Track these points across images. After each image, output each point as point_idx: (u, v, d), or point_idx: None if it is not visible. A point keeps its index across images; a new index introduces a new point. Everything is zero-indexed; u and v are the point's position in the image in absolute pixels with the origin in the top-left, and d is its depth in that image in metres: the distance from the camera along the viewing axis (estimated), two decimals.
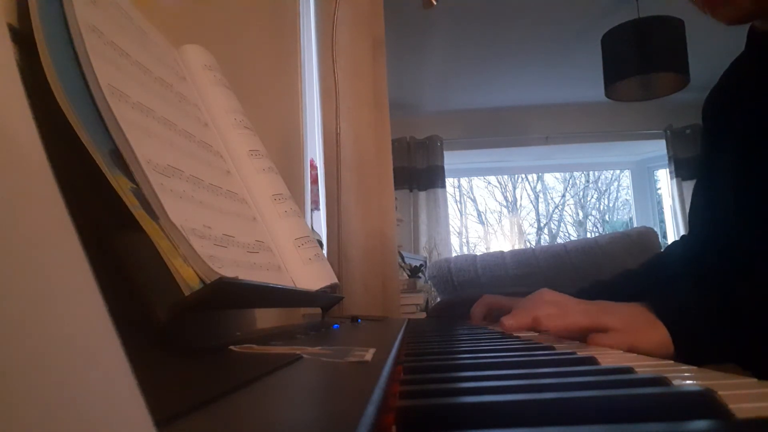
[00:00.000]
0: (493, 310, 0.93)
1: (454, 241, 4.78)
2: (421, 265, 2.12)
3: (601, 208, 5.45)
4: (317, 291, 0.55)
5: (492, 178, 5.25)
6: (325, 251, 1.25)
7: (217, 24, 0.79)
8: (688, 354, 0.52)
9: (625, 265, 0.96)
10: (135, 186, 0.33)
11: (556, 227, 5.44)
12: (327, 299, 0.64)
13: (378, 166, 1.36)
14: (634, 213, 4.50)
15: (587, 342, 0.53)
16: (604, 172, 5.21)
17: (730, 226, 0.74)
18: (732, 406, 0.19)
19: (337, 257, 1.24)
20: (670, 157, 3.97)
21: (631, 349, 0.51)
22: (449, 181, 4.19)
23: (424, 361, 0.37)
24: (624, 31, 2.58)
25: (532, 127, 4.04)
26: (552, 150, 4.17)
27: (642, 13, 2.63)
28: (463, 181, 5.15)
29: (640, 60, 2.54)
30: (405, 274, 1.91)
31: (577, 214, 5.44)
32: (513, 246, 5.04)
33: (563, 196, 5.43)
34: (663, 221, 4.34)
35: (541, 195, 5.42)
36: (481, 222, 5.29)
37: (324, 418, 0.15)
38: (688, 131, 3.88)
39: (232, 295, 0.38)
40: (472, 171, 4.80)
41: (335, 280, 0.60)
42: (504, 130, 4.05)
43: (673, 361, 0.35)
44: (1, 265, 0.08)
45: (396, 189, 1.59)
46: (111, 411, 0.09)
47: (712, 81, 0.87)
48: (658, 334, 0.53)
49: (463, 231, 5.15)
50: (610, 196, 5.40)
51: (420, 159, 4.03)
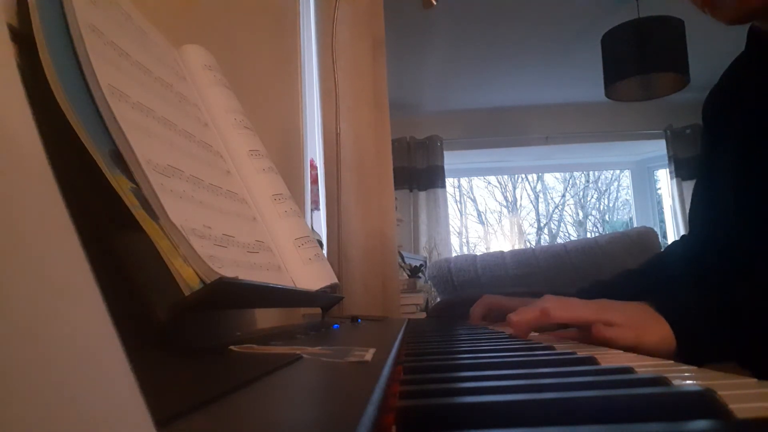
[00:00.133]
0: (492, 310, 0.93)
1: (454, 241, 4.78)
2: (421, 265, 2.12)
3: (601, 208, 5.45)
4: (317, 291, 0.55)
5: (492, 178, 5.25)
6: (325, 251, 1.25)
7: (217, 24, 0.79)
8: (689, 350, 0.53)
9: (625, 265, 0.96)
10: (135, 186, 0.33)
11: (556, 227, 5.44)
12: (327, 299, 0.64)
13: (378, 166, 1.36)
14: (634, 213, 4.50)
15: (591, 331, 0.53)
16: (604, 172, 5.21)
17: (730, 225, 0.74)
18: (732, 406, 0.19)
19: (337, 257, 1.24)
20: (670, 157, 3.97)
21: (635, 344, 0.52)
22: (449, 181, 4.19)
23: (424, 361, 0.37)
24: (624, 31, 2.58)
25: (532, 127, 4.04)
26: (552, 150, 4.18)
27: (642, 13, 2.63)
28: (463, 181, 5.15)
29: (640, 60, 2.54)
30: (405, 274, 1.91)
31: (577, 214, 5.44)
32: (513, 246, 5.04)
33: (563, 196, 5.43)
34: (663, 221, 4.34)
35: (541, 195, 5.42)
36: (481, 222, 5.29)
37: (324, 418, 0.15)
38: (688, 131, 3.89)
39: (232, 295, 0.38)
40: (472, 171, 4.80)
41: (335, 280, 0.60)
42: (504, 130, 4.05)
43: (673, 361, 0.35)
44: (1, 265, 0.08)
45: (396, 189, 1.59)
46: (111, 411, 0.09)
47: (712, 81, 0.87)
48: (661, 330, 0.54)
49: (463, 231, 5.15)
50: (610, 196, 5.40)
51: (420, 159, 4.03)
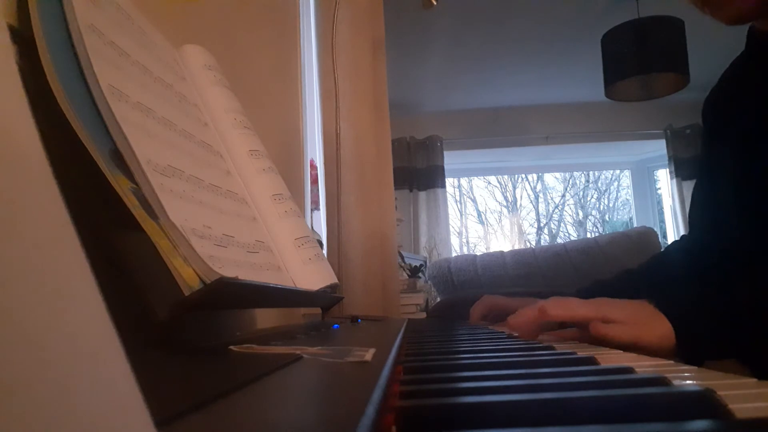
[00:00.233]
0: (492, 310, 0.93)
1: (454, 241, 4.78)
2: (421, 265, 2.12)
3: (601, 208, 5.45)
4: (317, 291, 0.55)
5: (492, 178, 5.25)
6: (325, 251, 1.25)
7: (217, 24, 0.79)
8: (689, 347, 0.53)
9: (625, 265, 0.96)
10: (135, 186, 0.33)
11: (556, 227, 5.44)
12: (327, 299, 0.64)
13: (378, 166, 1.36)
14: (634, 213, 4.50)
15: (589, 329, 0.53)
16: (604, 172, 5.22)
17: (730, 225, 0.74)
18: (732, 406, 0.19)
19: (337, 257, 1.24)
20: (670, 157, 3.97)
21: (634, 341, 0.51)
22: (449, 181, 4.19)
23: (424, 361, 0.37)
24: (624, 31, 2.58)
25: (532, 127, 4.04)
26: (552, 150, 4.18)
27: (642, 13, 2.63)
28: (463, 181, 5.15)
29: (640, 60, 2.54)
30: (405, 274, 1.91)
31: (577, 214, 5.44)
32: (513, 246, 5.04)
33: (563, 196, 5.43)
34: (663, 221, 4.34)
35: (541, 195, 5.42)
36: (481, 222, 5.29)
37: (324, 419, 0.15)
38: (688, 131, 3.89)
39: (232, 295, 0.38)
40: (472, 171, 4.80)
41: (335, 280, 0.60)
42: (504, 130, 4.05)
43: (673, 361, 0.35)
44: (1, 265, 0.08)
45: (396, 189, 1.59)
46: (111, 411, 0.09)
47: (712, 81, 0.87)
48: (660, 326, 0.53)
49: (463, 231, 5.15)
50: (610, 196, 5.40)
51: (420, 159, 4.03)
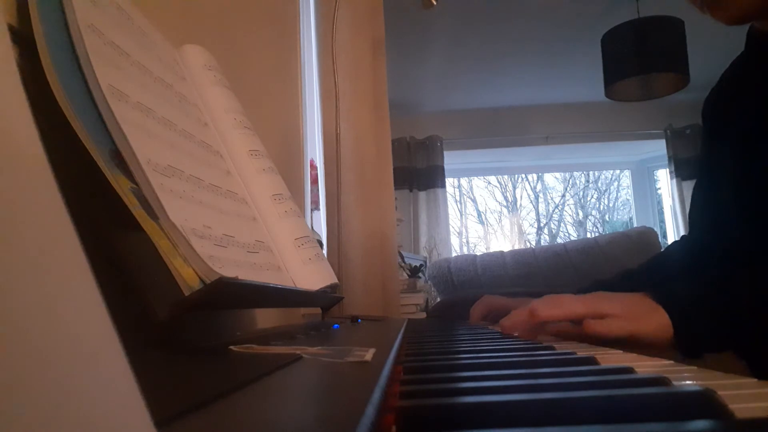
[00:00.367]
0: (492, 310, 0.93)
1: (454, 241, 4.78)
2: (421, 265, 2.12)
3: (601, 208, 5.45)
4: (317, 291, 0.55)
5: (492, 178, 5.25)
6: (325, 251, 1.25)
7: (217, 24, 0.79)
8: (687, 339, 0.52)
9: (625, 265, 0.96)
10: (135, 186, 0.33)
11: (556, 227, 5.44)
12: (327, 299, 0.64)
13: (378, 166, 1.36)
14: (634, 213, 4.50)
15: (582, 328, 0.53)
16: (604, 172, 5.22)
17: (730, 225, 0.74)
18: (732, 406, 0.19)
19: (337, 257, 1.24)
20: (670, 157, 3.97)
21: (630, 333, 0.51)
22: (449, 181, 4.19)
23: (424, 361, 0.37)
24: (624, 31, 2.58)
25: (532, 127, 4.04)
26: (552, 150, 4.18)
27: (642, 13, 2.63)
28: (463, 181, 5.15)
29: (640, 60, 2.54)
30: (405, 274, 1.91)
31: (577, 214, 5.44)
32: (513, 246, 5.04)
33: (563, 196, 5.43)
34: (663, 221, 4.34)
35: (541, 195, 5.42)
36: (481, 222, 5.29)
37: (324, 419, 0.15)
38: (688, 131, 3.89)
39: (232, 295, 0.38)
40: (472, 171, 4.80)
41: (335, 280, 0.60)
42: (504, 130, 4.05)
43: (670, 354, 0.35)
44: (1, 266, 0.08)
45: (396, 189, 1.59)
46: (111, 411, 0.09)
47: (712, 81, 0.87)
48: (657, 318, 0.53)
49: (463, 231, 5.15)
50: (610, 196, 5.40)
51: (420, 159, 4.03)
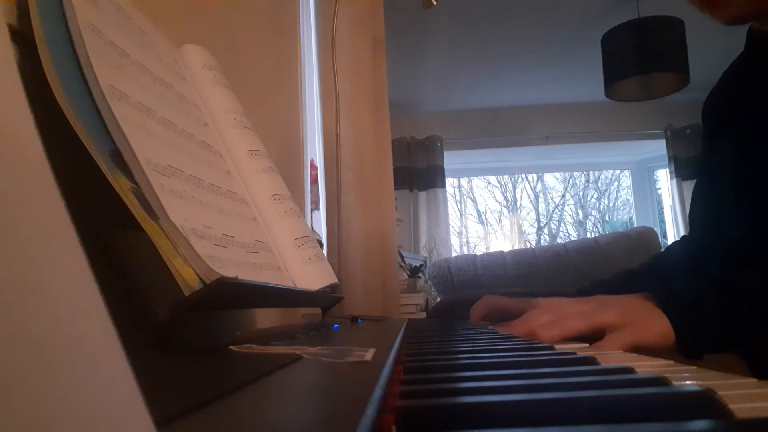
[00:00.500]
0: (492, 310, 0.93)
1: (454, 241, 4.78)
2: (421, 265, 2.12)
3: (601, 208, 5.45)
4: (317, 291, 0.55)
5: (492, 178, 5.25)
6: (325, 251, 1.25)
7: (217, 24, 0.79)
8: (688, 343, 0.52)
9: (624, 265, 0.96)
10: (135, 186, 0.33)
11: (556, 227, 5.44)
12: (327, 299, 0.64)
13: (378, 166, 1.36)
14: (634, 213, 4.50)
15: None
16: (604, 172, 5.22)
17: (730, 226, 0.74)
18: (732, 406, 0.19)
19: (337, 257, 1.24)
20: (670, 157, 3.97)
21: (634, 345, 0.51)
22: (449, 181, 4.19)
23: (424, 361, 0.37)
24: (624, 31, 2.58)
25: (532, 127, 4.04)
26: (552, 150, 4.18)
27: (642, 13, 2.63)
28: (463, 181, 5.15)
29: (640, 60, 2.54)
30: (405, 274, 1.91)
31: (577, 214, 5.44)
32: (513, 246, 5.04)
33: (563, 196, 5.43)
34: (663, 221, 4.34)
35: (541, 195, 5.43)
36: (481, 222, 5.29)
37: (324, 419, 0.15)
38: (688, 131, 3.89)
39: (232, 295, 0.38)
40: (472, 171, 4.80)
41: (335, 280, 0.60)
42: (504, 130, 4.05)
43: (672, 357, 0.35)
44: (1, 266, 0.08)
45: (396, 189, 1.59)
46: (111, 411, 0.09)
47: (712, 81, 0.87)
48: (658, 323, 0.53)
49: (463, 231, 5.15)
50: (610, 196, 5.40)
51: (420, 159, 4.03)
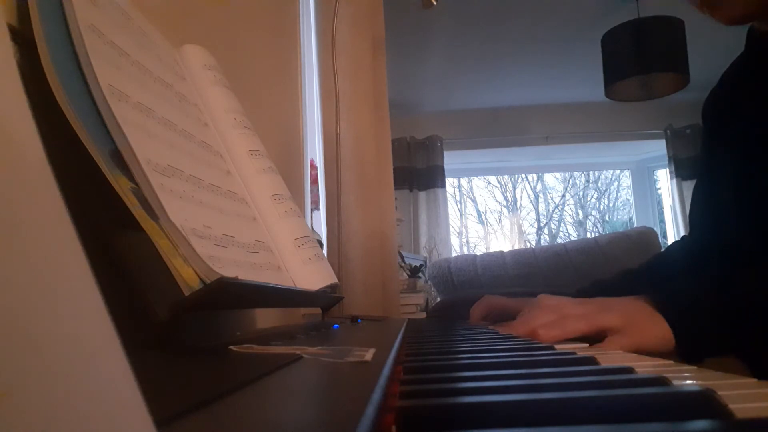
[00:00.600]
0: (493, 310, 0.93)
1: (454, 241, 4.78)
2: (421, 265, 2.12)
3: (601, 208, 5.45)
4: (317, 291, 0.55)
5: (492, 178, 5.25)
6: (325, 251, 1.25)
7: (217, 24, 0.79)
8: (688, 347, 0.52)
9: (624, 265, 0.96)
10: (135, 186, 0.33)
11: (556, 227, 5.44)
12: (327, 299, 0.64)
13: (378, 166, 1.36)
14: (634, 213, 4.50)
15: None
16: (604, 172, 5.22)
17: (730, 226, 0.74)
18: (732, 406, 0.19)
19: (337, 257, 1.24)
20: (670, 157, 3.97)
21: (634, 349, 0.51)
22: (449, 181, 4.19)
23: (424, 361, 0.37)
24: (624, 31, 2.58)
25: (532, 127, 4.04)
26: (552, 150, 4.18)
27: (642, 13, 2.63)
28: (463, 181, 5.15)
29: (640, 60, 2.54)
30: (405, 274, 1.91)
31: (577, 214, 5.44)
32: (513, 246, 5.04)
33: (563, 196, 5.43)
34: (663, 221, 4.34)
35: (541, 195, 5.42)
36: (481, 222, 5.29)
37: (324, 419, 0.15)
38: (688, 131, 3.89)
39: (232, 295, 0.38)
40: (472, 171, 4.80)
41: (335, 280, 0.60)
42: (504, 130, 4.05)
43: (673, 362, 0.35)
44: (1, 265, 0.08)
45: (396, 189, 1.59)
46: (111, 411, 0.09)
47: (712, 81, 0.87)
48: (658, 327, 0.53)
49: (463, 231, 5.15)
50: (610, 196, 5.40)
51: (420, 159, 4.03)
